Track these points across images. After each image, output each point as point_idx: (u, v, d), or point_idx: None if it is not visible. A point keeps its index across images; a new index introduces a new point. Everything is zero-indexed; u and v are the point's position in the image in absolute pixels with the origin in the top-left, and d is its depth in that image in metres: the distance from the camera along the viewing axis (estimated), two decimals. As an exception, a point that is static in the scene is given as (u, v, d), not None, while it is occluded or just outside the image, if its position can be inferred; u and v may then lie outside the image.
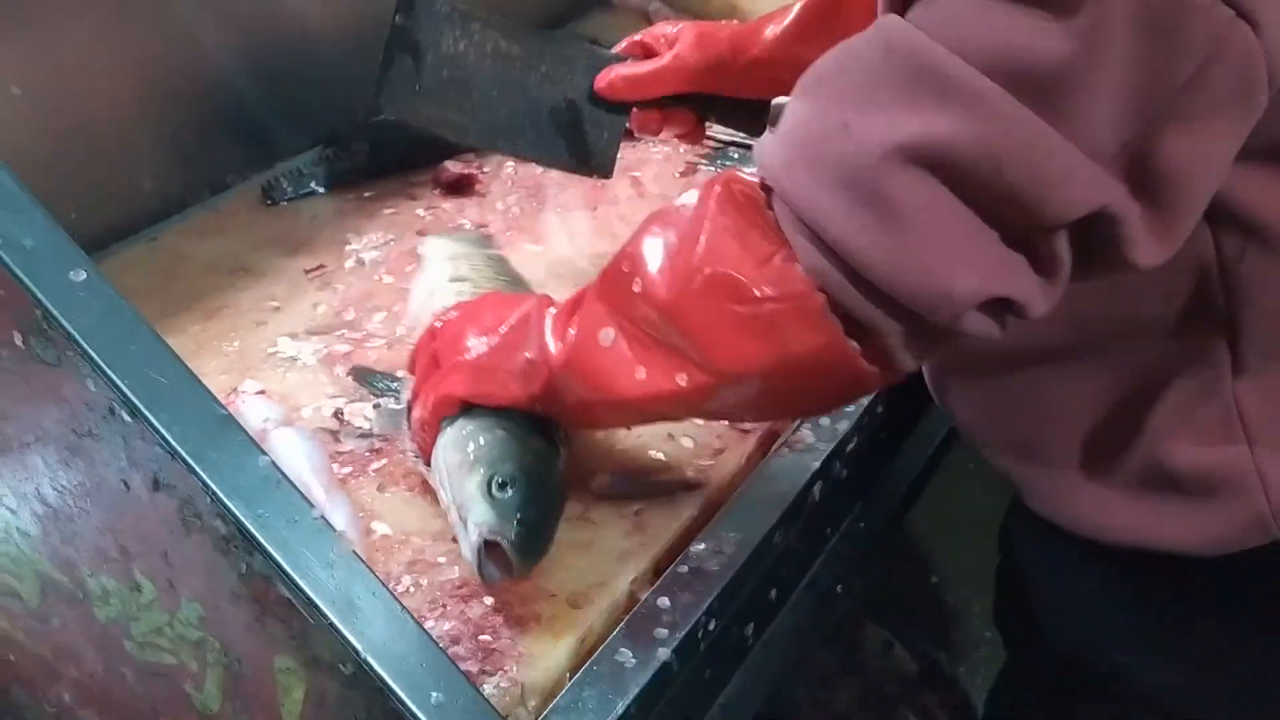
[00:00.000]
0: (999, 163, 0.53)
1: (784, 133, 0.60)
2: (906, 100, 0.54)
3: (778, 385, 0.62)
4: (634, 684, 0.63)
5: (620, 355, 0.65)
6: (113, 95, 1.09)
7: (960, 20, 0.54)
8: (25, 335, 0.59)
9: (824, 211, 0.56)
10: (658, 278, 0.63)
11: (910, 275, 0.56)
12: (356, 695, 0.59)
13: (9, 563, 0.74)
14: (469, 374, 0.73)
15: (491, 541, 0.67)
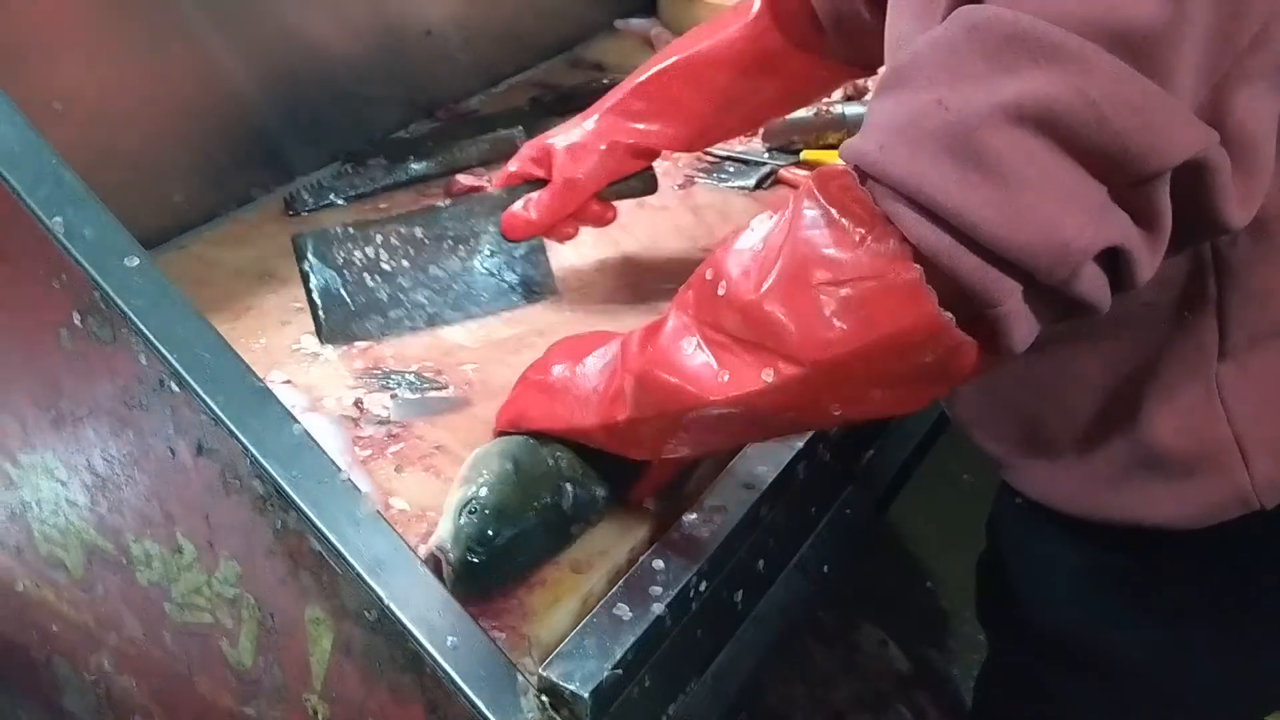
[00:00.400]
0: (1101, 113, 0.53)
1: (872, 125, 0.60)
2: (1000, 67, 0.54)
3: (869, 370, 0.61)
4: (630, 634, 0.69)
5: (702, 361, 0.64)
6: (147, 113, 1.16)
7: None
8: (84, 315, 0.66)
9: (930, 180, 0.56)
10: (742, 278, 0.63)
11: (1027, 228, 0.55)
12: (380, 640, 0.65)
13: (57, 534, 0.81)
14: (541, 393, 0.76)
15: (436, 556, 0.70)
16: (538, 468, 0.74)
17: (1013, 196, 0.54)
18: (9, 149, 0.66)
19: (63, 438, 0.74)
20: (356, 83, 1.36)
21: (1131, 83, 0.53)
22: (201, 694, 0.80)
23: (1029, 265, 0.56)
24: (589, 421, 0.73)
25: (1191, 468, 0.74)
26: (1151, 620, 0.83)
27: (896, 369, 0.61)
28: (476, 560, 0.70)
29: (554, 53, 1.64)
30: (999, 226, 0.55)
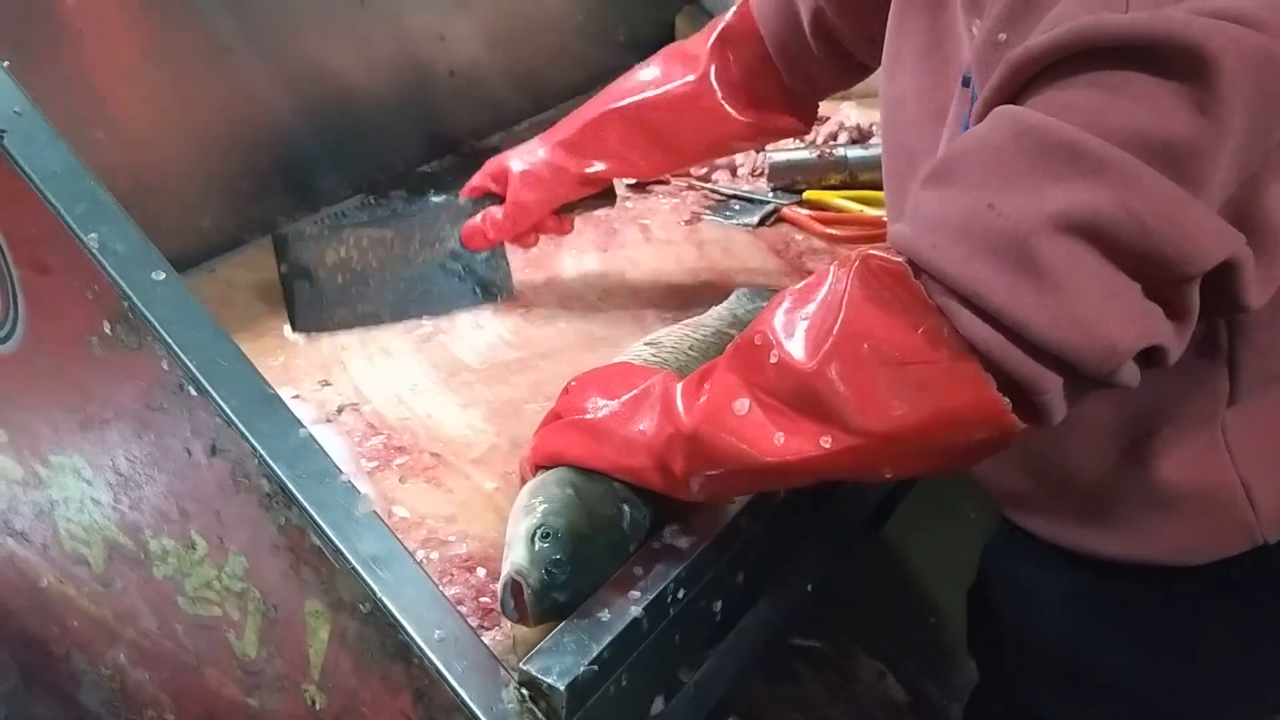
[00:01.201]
0: (1144, 224, 0.57)
1: (923, 218, 0.63)
2: (1049, 176, 0.58)
3: (926, 442, 0.65)
4: (608, 633, 0.73)
5: (757, 422, 0.68)
6: (180, 144, 1.23)
7: (1082, 105, 0.58)
8: (113, 324, 0.72)
9: (982, 282, 0.59)
10: (797, 349, 0.67)
11: (1076, 332, 0.58)
12: (372, 631, 0.70)
13: (81, 531, 0.86)
14: (578, 434, 0.79)
15: (517, 582, 0.73)
16: (596, 491, 0.78)
17: (1062, 301, 0.58)
18: (52, 171, 0.73)
19: (90, 439, 0.80)
20: (382, 119, 1.43)
21: (1171, 195, 0.57)
22: (209, 685, 0.85)
23: (1076, 364, 0.60)
24: (639, 463, 0.76)
25: (1198, 506, 0.77)
26: (1145, 646, 0.86)
27: (951, 442, 0.65)
28: (554, 581, 0.73)
29: (571, 94, 1.70)
30: (1049, 328, 0.59)
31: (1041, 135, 0.59)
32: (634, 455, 0.76)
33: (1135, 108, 0.57)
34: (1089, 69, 0.58)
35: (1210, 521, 0.78)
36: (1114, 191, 0.57)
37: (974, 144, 0.62)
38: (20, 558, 0.95)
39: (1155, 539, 0.79)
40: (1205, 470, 0.76)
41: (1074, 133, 0.58)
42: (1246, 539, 0.78)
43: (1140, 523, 0.80)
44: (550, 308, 1.17)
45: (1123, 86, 0.58)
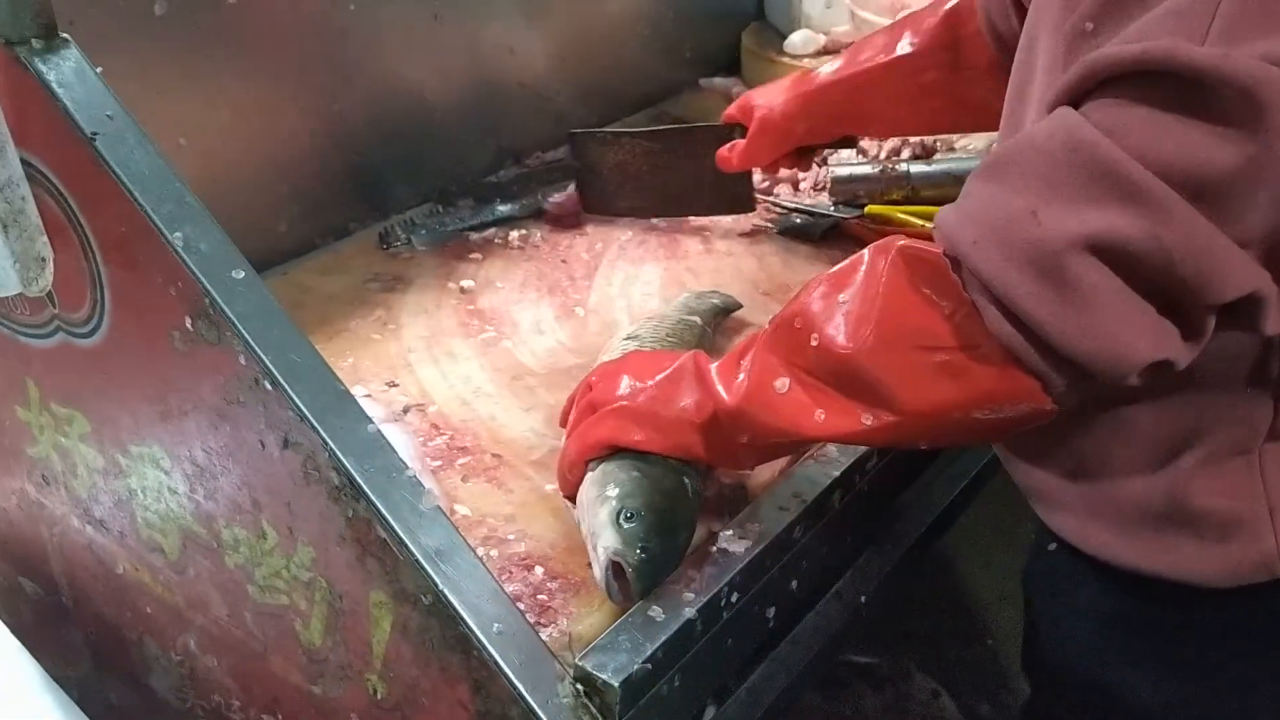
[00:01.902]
0: (1170, 257, 0.60)
1: (969, 211, 0.67)
2: (1090, 197, 0.61)
3: (962, 422, 0.70)
4: (662, 633, 0.75)
5: (798, 400, 0.73)
6: (258, 151, 1.27)
7: (1137, 127, 0.61)
8: (194, 319, 0.75)
9: (1013, 286, 0.63)
10: (837, 333, 0.71)
11: (1092, 344, 0.63)
12: (433, 623, 0.72)
13: (158, 519, 0.90)
14: (622, 419, 0.81)
15: (617, 564, 0.76)
16: (657, 470, 0.81)
17: (1082, 315, 0.63)
18: (140, 172, 0.76)
19: (169, 430, 0.83)
20: (452, 129, 1.47)
21: (1201, 232, 0.60)
22: (275, 672, 0.87)
23: (1088, 370, 0.64)
24: (688, 440, 0.80)
25: (1223, 530, 0.77)
26: (1178, 672, 0.85)
27: (985, 420, 0.70)
28: (649, 556, 0.77)
29: (638, 107, 1.73)
30: (1067, 337, 0.63)
31: (1091, 155, 0.61)
32: (681, 433, 0.80)
33: (1186, 140, 0.60)
34: (1155, 91, 0.61)
35: (1230, 546, 0.77)
36: (1148, 222, 0.60)
37: (1030, 148, 0.65)
38: (98, 545, 0.99)
39: (1175, 554, 0.80)
40: (1235, 494, 0.77)
41: (1122, 159, 0.60)
42: (1265, 570, 0.77)
43: (1164, 536, 0.80)
44: (611, 314, 1.19)
45: (1180, 116, 0.60)
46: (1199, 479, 0.77)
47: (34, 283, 0.81)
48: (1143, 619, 0.85)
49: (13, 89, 0.77)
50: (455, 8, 1.41)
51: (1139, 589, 0.82)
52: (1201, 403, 0.76)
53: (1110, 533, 0.82)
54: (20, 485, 1.05)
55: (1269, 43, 0.58)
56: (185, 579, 0.91)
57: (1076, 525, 0.85)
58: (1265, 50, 0.58)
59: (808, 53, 1.74)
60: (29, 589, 1.15)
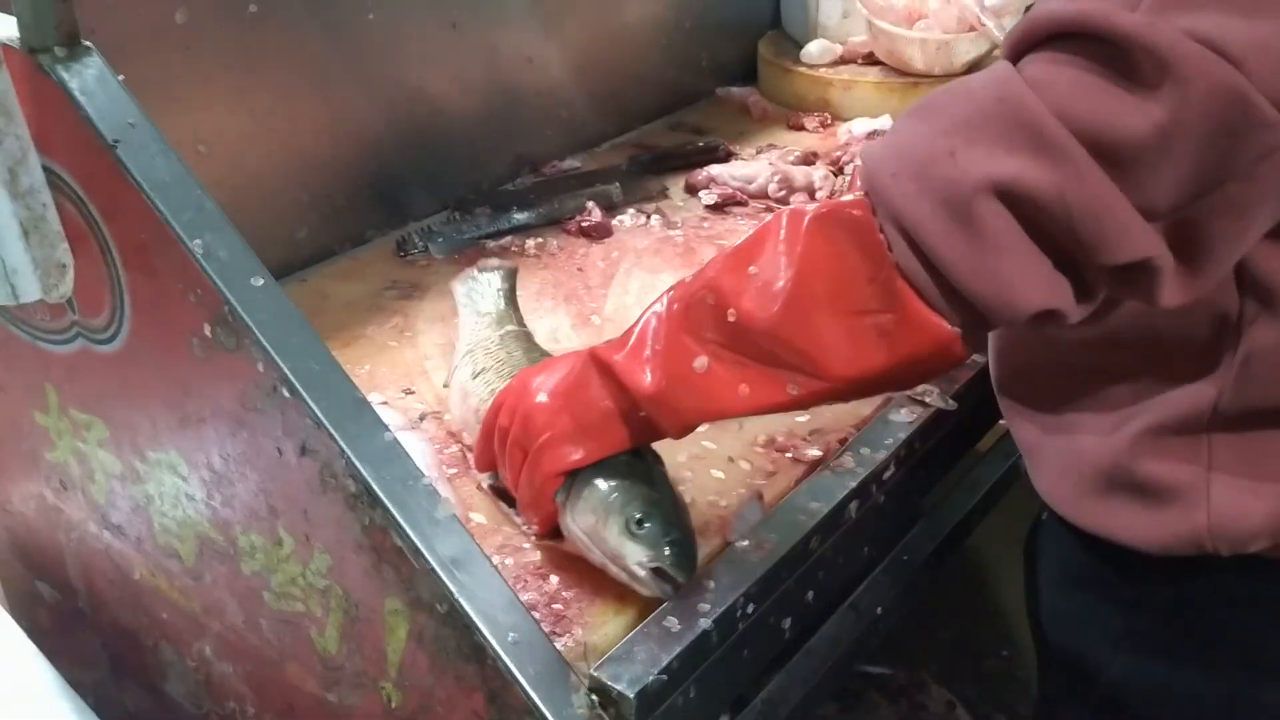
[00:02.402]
0: (1071, 212, 0.63)
1: (894, 145, 0.69)
2: (1007, 144, 0.63)
3: (888, 380, 0.72)
4: (677, 644, 0.74)
5: (719, 378, 0.73)
6: (278, 159, 1.27)
7: (1063, 85, 0.63)
8: (214, 326, 0.75)
9: (922, 221, 0.65)
10: (756, 304, 0.70)
11: (986, 285, 0.65)
12: (449, 632, 0.72)
13: (174, 525, 0.90)
14: (556, 447, 0.78)
15: (658, 569, 0.76)
16: (621, 467, 0.79)
17: (983, 258, 0.65)
18: (161, 179, 0.76)
19: (187, 436, 0.83)
20: (469, 138, 1.47)
21: (1103, 193, 0.62)
22: (290, 680, 0.87)
23: (982, 311, 0.67)
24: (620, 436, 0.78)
25: (1159, 498, 0.79)
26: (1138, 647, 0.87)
27: (909, 376, 0.74)
28: (677, 544, 0.76)
29: (655, 116, 1.73)
30: (967, 277, 0.66)
31: (1016, 107, 0.64)
32: (611, 433, 0.78)
33: (1104, 103, 0.62)
34: (1085, 51, 0.63)
35: (1164, 515, 0.79)
36: (1056, 176, 0.62)
37: (964, 94, 0.67)
38: (115, 550, 0.99)
39: (1116, 517, 0.82)
40: (1177, 467, 0.78)
41: (1042, 113, 0.62)
42: (1193, 544, 0.79)
43: (1110, 497, 0.82)
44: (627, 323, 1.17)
45: (1103, 79, 0.62)
46: (1146, 447, 0.79)
47: (54, 289, 0.81)
48: (1104, 588, 0.88)
49: (35, 96, 0.77)
50: (474, 17, 1.42)
51: (1101, 556, 0.84)
52: (1156, 375, 0.78)
53: (1072, 490, 0.85)
54: (39, 490, 1.05)
55: (1194, 17, 0.60)
56: (201, 585, 0.91)
57: (1051, 482, 0.87)
58: (1189, 24, 0.59)
59: (824, 62, 1.75)
60: (46, 593, 1.16)
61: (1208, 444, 0.77)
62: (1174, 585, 0.83)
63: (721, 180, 1.46)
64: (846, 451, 0.94)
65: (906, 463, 0.95)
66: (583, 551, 0.81)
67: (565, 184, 1.47)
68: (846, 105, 1.70)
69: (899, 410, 0.99)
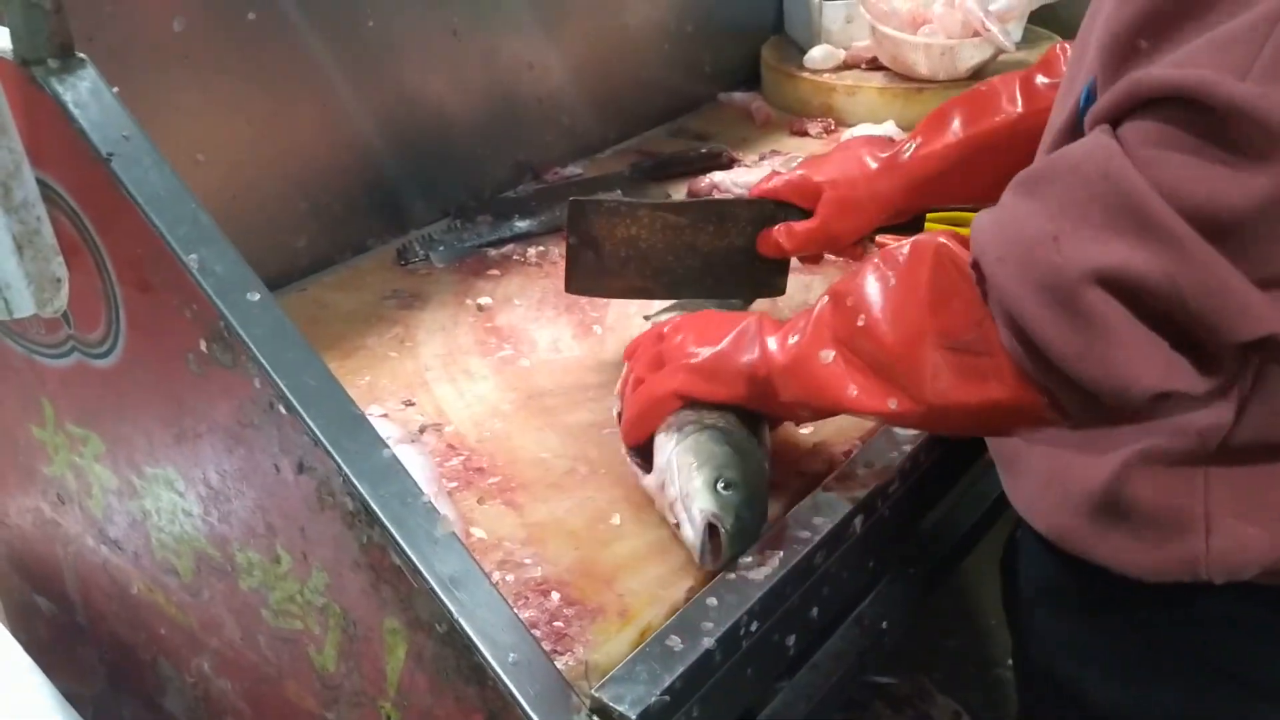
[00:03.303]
0: (1183, 296, 0.61)
1: (1000, 223, 0.69)
2: (1112, 228, 0.62)
3: (974, 419, 0.75)
4: (680, 664, 0.73)
5: (837, 373, 0.79)
6: (277, 167, 1.27)
7: (1167, 158, 0.61)
8: (209, 342, 0.74)
9: (1026, 308, 0.66)
10: (882, 319, 0.76)
11: (1098, 371, 0.65)
12: (448, 652, 0.71)
13: (172, 541, 0.89)
14: (691, 375, 0.86)
15: (712, 526, 0.79)
16: (747, 447, 0.85)
17: (1092, 342, 0.64)
18: (156, 194, 0.75)
19: (183, 452, 0.82)
20: (470, 145, 1.46)
21: (1217, 273, 0.61)
22: (289, 697, 0.86)
23: (1094, 394, 0.66)
24: (740, 390, 0.85)
25: (1156, 526, 0.78)
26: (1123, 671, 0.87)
27: (994, 421, 0.76)
28: (742, 524, 0.81)
29: (657, 122, 1.72)
30: (1075, 363, 0.65)
31: (1117, 186, 0.62)
32: (735, 384, 0.85)
33: (1212, 176, 0.60)
34: (1189, 121, 0.61)
35: (1159, 541, 0.78)
36: (1164, 260, 0.61)
37: (1066, 168, 0.66)
38: (113, 564, 0.98)
39: (1105, 541, 0.81)
40: (1174, 496, 0.77)
41: (1146, 193, 0.61)
42: (1188, 570, 0.78)
43: (1099, 520, 0.81)
44: (629, 333, 1.17)
45: (1210, 151, 0.60)
46: (1141, 473, 0.78)
47: (49, 303, 0.80)
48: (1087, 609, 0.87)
49: (29, 109, 0.76)
50: (474, 23, 1.41)
51: (1083, 577, 0.83)
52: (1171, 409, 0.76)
53: (1055, 509, 0.84)
54: (35, 504, 1.04)
55: None
56: (199, 601, 0.90)
57: (1031, 498, 0.86)
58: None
59: (827, 68, 1.74)
60: (44, 607, 1.15)
61: (1205, 474, 0.76)
62: (1161, 608, 0.82)
63: (724, 187, 1.45)
64: (850, 465, 0.92)
65: (911, 476, 0.94)
66: (655, 485, 0.86)
67: (567, 191, 1.46)
68: (850, 111, 1.69)
69: (904, 422, 0.97)
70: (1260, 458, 0.75)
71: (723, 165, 1.55)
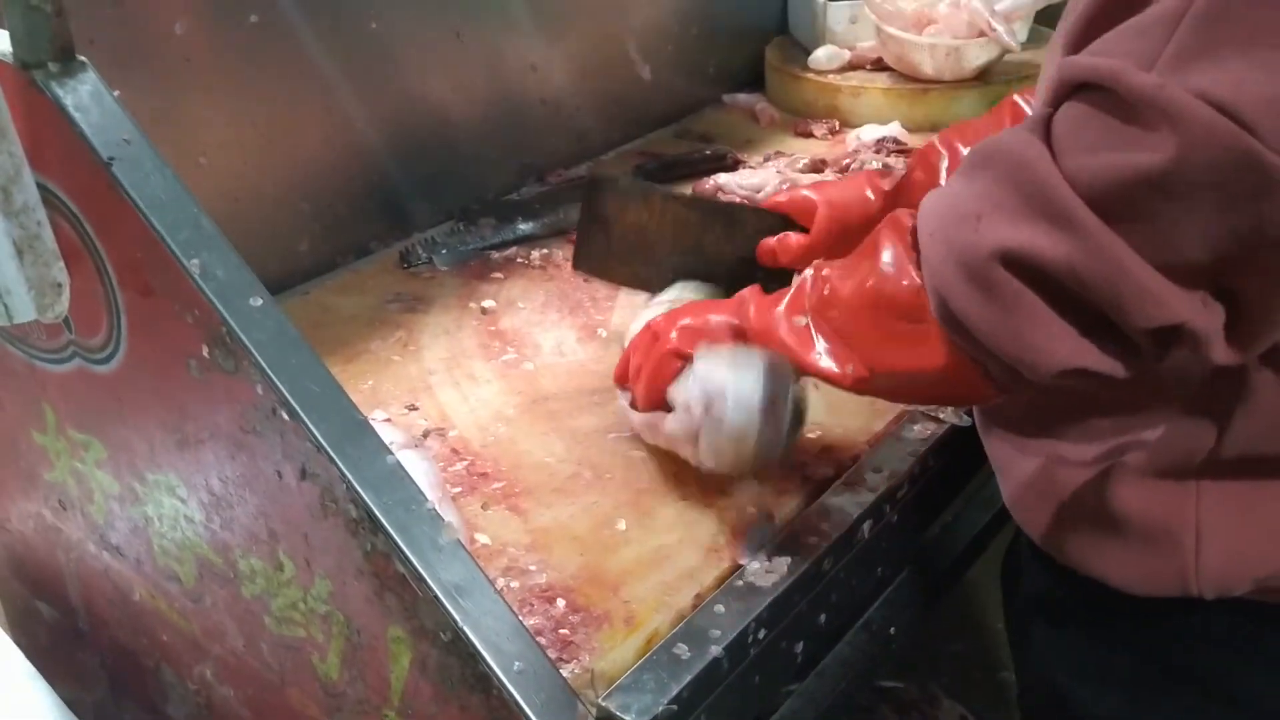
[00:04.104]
0: (1082, 280, 0.63)
1: (939, 201, 0.72)
2: (1024, 212, 0.64)
3: (918, 384, 0.76)
4: (687, 672, 0.73)
5: (806, 336, 0.81)
6: (279, 170, 1.26)
7: (1079, 143, 0.63)
8: (211, 348, 0.74)
9: (947, 283, 0.68)
10: (841, 288, 0.79)
11: (1008, 345, 0.67)
12: (453, 661, 0.70)
13: (174, 547, 0.88)
14: (687, 331, 0.88)
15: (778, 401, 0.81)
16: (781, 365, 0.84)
17: (1005, 318, 0.66)
18: (157, 198, 0.75)
19: (185, 459, 0.81)
20: (474, 148, 1.46)
21: (1118, 260, 0.61)
22: (292, 705, 0.86)
23: (1011, 366, 0.68)
24: None
25: (1146, 540, 0.77)
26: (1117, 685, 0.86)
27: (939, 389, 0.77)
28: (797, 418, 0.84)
29: (661, 124, 1.72)
30: (988, 337, 0.68)
31: (1033, 172, 0.64)
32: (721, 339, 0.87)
33: (1117, 161, 0.61)
34: (1102, 106, 0.62)
35: (1150, 555, 0.77)
36: (1065, 246, 0.62)
37: (998, 153, 0.68)
38: (115, 570, 0.98)
39: (1096, 554, 0.80)
40: (1165, 509, 0.76)
41: (1053, 180, 0.63)
42: (1179, 585, 0.77)
43: (1091, 531, 0.80)
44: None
45: (1117, 136, 0.61)
46: (1132, 485, 0.77)
47: (50, 309, 0.79)
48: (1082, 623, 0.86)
49: (29, 113, 0.76)
50: (477, 26, 1.40)
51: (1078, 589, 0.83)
52: (1151, 415, 0.76)
53: (1047, 518, 0.83)
54: (37, 509, 1.04)
55: (1206, 77, 0.57)
56: (202, 608, 0.89)
57: (1025, 505, 0.86)
58: (1200, 85, 0.57)
59: (832, 68, 1.73)
60: (45, 612, 1.14)
61: (1196, 488, 0.75)
62: (1155, 622, 0.81)
63: (729, 188, 1.44)
64: (858, 471, 0.92)
65: (920, 480, 0.93)
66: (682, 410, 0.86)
67: (571, 193, 1.45)
68: (855, 112, 1.68)
69: (912, 426, 0.97)
70: (1251, 472, 0.74)
71: (727, 167, 1.54)
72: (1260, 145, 0.56)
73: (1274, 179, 0.57)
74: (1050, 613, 0.90)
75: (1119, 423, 0.77)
